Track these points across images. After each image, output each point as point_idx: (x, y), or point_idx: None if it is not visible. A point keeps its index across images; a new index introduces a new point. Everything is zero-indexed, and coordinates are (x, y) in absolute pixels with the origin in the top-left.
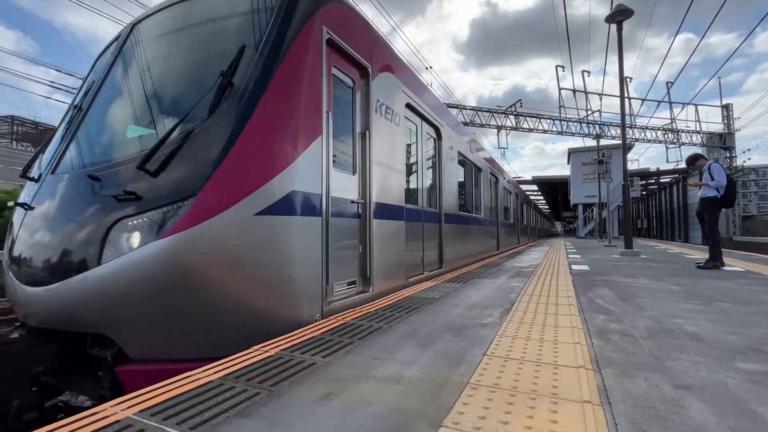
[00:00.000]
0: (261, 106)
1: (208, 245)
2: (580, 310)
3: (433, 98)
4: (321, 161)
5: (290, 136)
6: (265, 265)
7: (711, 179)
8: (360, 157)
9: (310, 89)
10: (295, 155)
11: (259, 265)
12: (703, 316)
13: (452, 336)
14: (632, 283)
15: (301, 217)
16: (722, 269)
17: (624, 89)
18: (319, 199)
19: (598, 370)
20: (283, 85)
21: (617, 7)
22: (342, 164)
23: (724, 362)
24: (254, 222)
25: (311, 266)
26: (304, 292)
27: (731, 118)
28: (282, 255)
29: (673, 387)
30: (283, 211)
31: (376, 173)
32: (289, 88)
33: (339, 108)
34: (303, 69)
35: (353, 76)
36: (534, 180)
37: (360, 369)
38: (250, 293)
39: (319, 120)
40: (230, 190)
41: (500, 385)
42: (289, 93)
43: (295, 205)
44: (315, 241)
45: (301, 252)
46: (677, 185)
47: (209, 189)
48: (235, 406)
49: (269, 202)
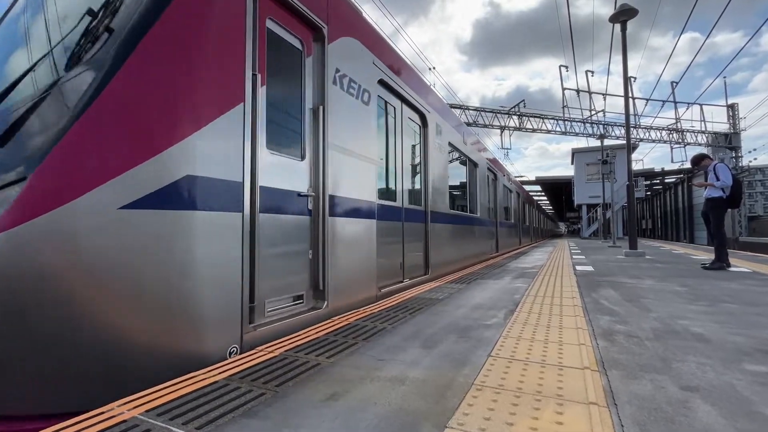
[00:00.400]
0: (136, 55)
1: (41, 253)
2: (585, 311)
3: (418, 80)
4: (243, 138)
5: (184, 99)
6: (136, 281)
7: (716, 179)
8: (311, 139)
9: (223, 40)
10: (194, 127)
11: (126, 281)
12: (710, 318)
13: (456, 337)
14: (637, 284)
15: (204, 212)
16: (728, 270)
17: (628, 89)
18: (238, 189)
19: (603, 372)
20: (176, 30)
21: (621, 6)
22: (283, 146)
23: (731, 364)
24: (121, 218)
25: (222, 279)
26: (207, 316)
27: (737, 117)
28: (168, 265)
29: (679, 389)
30: (171, 204)
31: (335, 160)
32: (184, 33)
33: (279, 74)
34: (210, 11)
35: (301, 36)
36: (537, 180)
37: (364, 369)
38: (111, 323)
39: (239, 83)
40: (80, 171)
41: (505, 387)
42: (185, 41)
43: (192, 196)
44: (231, 245)
45: (205, 259)
46: (682, 185)
47: (46, 170)
48: (241, 406)
49: (146, 191)
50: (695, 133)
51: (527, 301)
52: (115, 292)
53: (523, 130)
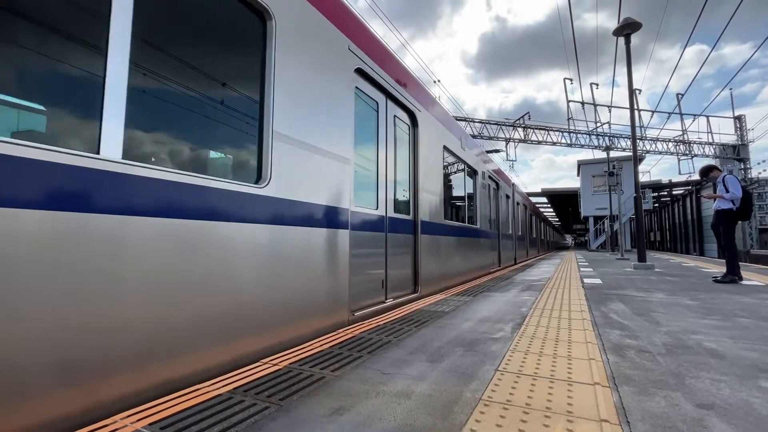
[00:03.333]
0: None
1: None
2: (594, 324)
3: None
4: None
5: None
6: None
7: (726, 191)
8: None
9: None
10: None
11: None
12: (723, 332)
13: (463, 351)
14: (647, 298)
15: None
16: (740, 283)
17: (634, 101)
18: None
19: (614, 388)
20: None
21: (625, 20)
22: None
23: (747, 380)
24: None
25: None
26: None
27: (744, 129)
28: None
29: (694, 406)
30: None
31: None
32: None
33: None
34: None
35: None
36: (543, 192)
37: (370, 384)
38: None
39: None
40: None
41: (513, 402)
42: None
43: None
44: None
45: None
46: (690, 197)
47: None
48: (245, 420)
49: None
50: (702, 145)
51: (535, 315)
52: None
53: (528, 142)
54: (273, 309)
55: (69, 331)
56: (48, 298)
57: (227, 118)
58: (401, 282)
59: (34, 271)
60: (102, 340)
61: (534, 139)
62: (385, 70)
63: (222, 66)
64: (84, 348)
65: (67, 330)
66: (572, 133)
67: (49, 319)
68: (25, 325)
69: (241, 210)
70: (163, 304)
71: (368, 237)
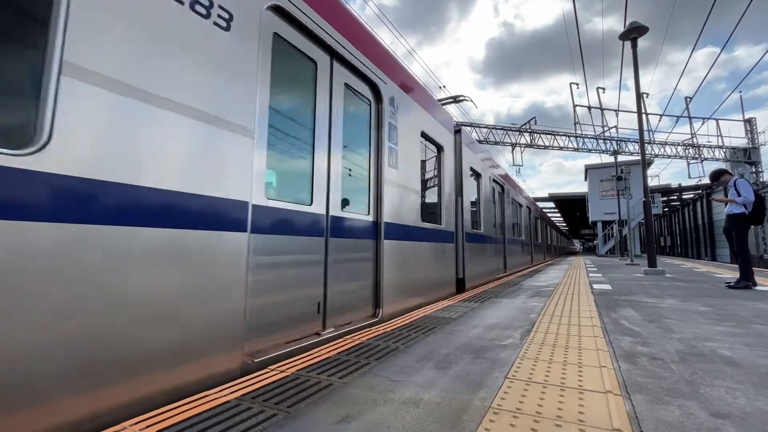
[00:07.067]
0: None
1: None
2: (605, 331)
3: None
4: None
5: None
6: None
7: (737, 195)
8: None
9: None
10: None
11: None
12: (738, 339)
13: (471, 358)
14: (658, 304)
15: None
16: (754, 289)
17: (641, 105)
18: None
19: (627, 396)
20: None
21: (631, 24)
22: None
23: (763, 389)
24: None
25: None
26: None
27: (755, 132)
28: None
29: (709, 415)
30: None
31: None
32: None
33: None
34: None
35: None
36: (551, 197)
37: (377, 391)
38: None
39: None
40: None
41: (523, 410)
42: None
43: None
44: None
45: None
46: (701, 201)
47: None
48: (253, 427)
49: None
50: (712, 148)
51: (544, 321)
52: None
53: (535, 147)
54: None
55: (264, 313)
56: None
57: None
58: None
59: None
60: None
61: (540, 144)
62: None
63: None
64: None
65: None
66: (579, 138)
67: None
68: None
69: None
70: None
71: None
